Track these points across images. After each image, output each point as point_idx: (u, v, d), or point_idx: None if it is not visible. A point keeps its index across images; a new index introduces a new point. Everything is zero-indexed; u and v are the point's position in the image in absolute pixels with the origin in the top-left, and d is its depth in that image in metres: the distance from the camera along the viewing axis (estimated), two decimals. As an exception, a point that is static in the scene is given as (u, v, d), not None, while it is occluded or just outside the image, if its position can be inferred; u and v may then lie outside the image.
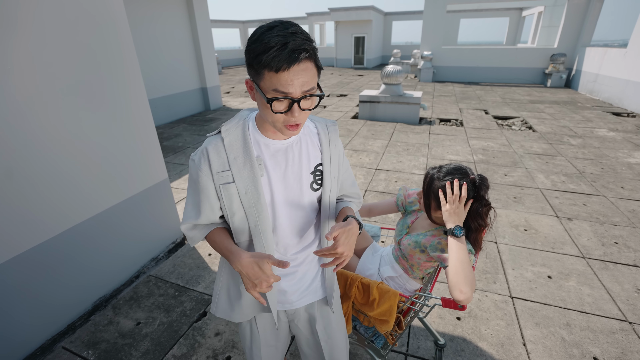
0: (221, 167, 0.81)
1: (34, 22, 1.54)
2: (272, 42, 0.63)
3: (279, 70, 0.64)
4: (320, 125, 0.91)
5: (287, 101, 0.69)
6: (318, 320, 1.05)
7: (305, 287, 1.01)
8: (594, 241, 2.65)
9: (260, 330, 1.04)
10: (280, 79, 0.66)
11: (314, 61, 0.70)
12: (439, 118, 6.88)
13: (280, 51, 0.63)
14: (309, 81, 0.68)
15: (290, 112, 0.70)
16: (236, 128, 0.82)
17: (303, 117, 0.73)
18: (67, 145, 1.77)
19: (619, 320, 1.90)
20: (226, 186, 0.81)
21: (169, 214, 2.57)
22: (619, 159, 4.45)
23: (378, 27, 20.72)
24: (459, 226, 1.09)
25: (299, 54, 0.64)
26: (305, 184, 0.88)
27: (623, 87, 7.77)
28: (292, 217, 0.90)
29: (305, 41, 0.66)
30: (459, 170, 1.17)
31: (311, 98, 0.72)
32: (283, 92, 0.67)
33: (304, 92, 0.69)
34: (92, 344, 1.80)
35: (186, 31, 7.13)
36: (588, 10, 10.41)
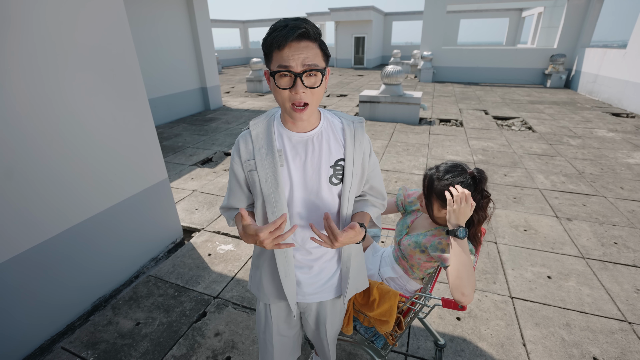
0: (248, 157, 0.90)
1: (34, 22, 1.54)
2: (276, 26, 0.74)
3: (281, 47, 0.73)
4: (346, 121, 0.93)
5: (290, 77, 0.75)
6: (328, 318, 1.09)
7: (320, 284, 1.03)
8: (594, 241, 2.65)
9: (273, 317, 1.07)
10: (282, 54, 0.74)
11: (317, 43, 0.76)
12: (439, 118, 6.88)
13: (281, 31, 0.73)
14: (310, 57, 0.74)
15: (294, 87, 0.75)
16: (263, 122, 0.91)
17: (309, 97, 0.77)
18: (66, 145, 1.76)
19: (619, 321, 1.90)
20: (251, 173, 0.90)
21: (169, 214, 2.57)
22: (618, 159, 4.45)
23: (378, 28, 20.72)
24: (462, 227, 1.07)
25: (296, 30, 0.72)
26: (324, 177, 0.90)
27: (622, 87, 7.78)
28: (309, 209, 0.92)
29: (305, 23, 0.73)
30: (456, 167, 1.17)
31: (315, 75, 0.76)
32: (284, 66, 0.74)
33: (305, 67, 0.74)
34: (92, 344, 1.80)
35: (186, 31, 7.13)
36: (588, 11, 10.43)
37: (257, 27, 25.30)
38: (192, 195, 3.58)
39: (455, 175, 1.15)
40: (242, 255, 2.55)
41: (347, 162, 0.90)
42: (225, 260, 2.49)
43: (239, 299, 2.10)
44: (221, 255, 2.55)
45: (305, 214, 0.93)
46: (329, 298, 1.06)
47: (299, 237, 0.96)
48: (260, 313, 1.12)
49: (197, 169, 4.33)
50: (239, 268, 2.40)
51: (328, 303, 1.08)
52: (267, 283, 1.02)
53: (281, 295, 1.02)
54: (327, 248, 0.97)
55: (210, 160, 4.72)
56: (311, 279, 1.01)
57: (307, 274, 1.01)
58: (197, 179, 4.00)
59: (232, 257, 2.53)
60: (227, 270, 2.38)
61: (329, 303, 1.08)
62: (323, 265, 1.01)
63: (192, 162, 4.59)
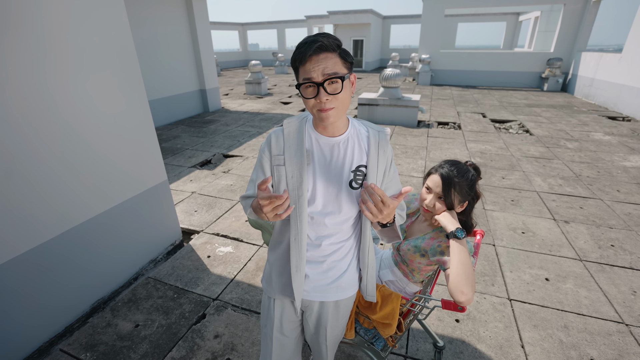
0: (278, 152, 0.95)
1: (35, 23, 1.55)
2: (299, 44, 0.83)
3: (303, 61, 0.82)
4: (372, 131, 0.99)
5: (313, 87, 0.83)
6: (329, 322, 1.10)
7: (327, 283, 1.04)
8: (591, 244, 2.67)
9: (276, 313, 1.09)
10: (305, 68, 0.83)
11: (336, 53, 0.83)
12: (437, 121, 6.92)
13: (302, 47, 0.82)
14: (329, 67, 0.81)
15: (318, 95, 0.83)
16: (296, 122, 0.97)
17: (334, 102, 0.84)
18: (66, 146, 1.76)
19: (616, 323, 1.91)
20: (278, 167, 0.95)
21: (168, 215, 2.57)
22: (614, 162, 4.49)
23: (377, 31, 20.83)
24: (460, 228, 1.12)
25: (314, 44, 0.80)
26: (345, 180, 0.95)
27: (618, 91, 7.85)
28: (328, 209, 0.96)
29: (323, 37, 0.81)
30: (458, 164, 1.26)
31: (336, 82, 0.83)
32: (307, 78, 0.82)
33: (325, 76, 0.81)
34: (90, 346, 1.79)
35: (186, 33, 7.14)
36: (584, 16, 10.53)
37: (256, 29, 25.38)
38: (191, 197, 3.58)
39: (465, 172, 1.22)
40: (242, 257, 2.55)
41: (369, 168, 0.95)
42: (225, 262, 2.49)
43: (238, 301, 2.10)
44: (220, 257, 2.55)
45: (324, 214, 0.96)
46: (332, 299, 1.06)
47: (313, 234, 0.99)
48: (264, 305, 1.15)
49: (196, 171, 4.33)
50: (238, 270, 2.40)
51: (330, 305, 1.08)
52: (275, 277, 1.06)
53: (286, 292, 1.04)
54: (339, 245, 1.02)
55: (209, 162, 4.72)
56: (319, 275, 1.03)
57: (316, 269, 1.03)
58: (196, 181, 4.00)
59: (232, 259, 2.53)
60: (226, 272, 2.38)
61: (332, 306, 1.08)
62: (333, 264, 1.03)
63: (191, 164, 4.59)
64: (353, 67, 0.92)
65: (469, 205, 1.28)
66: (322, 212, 0.97)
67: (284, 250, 1.02)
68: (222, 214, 3.20)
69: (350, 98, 0.90)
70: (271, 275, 1.08)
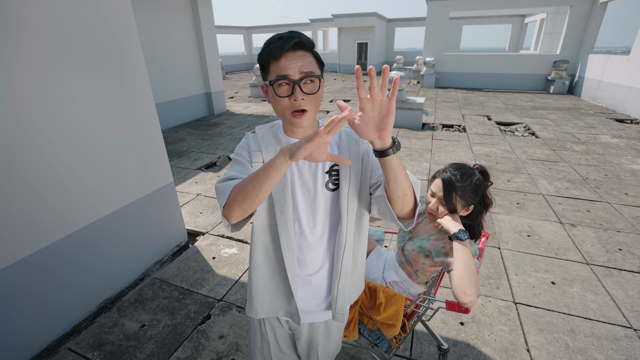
0: (255, 149, 0.91)
1: (41, 25, 1.57)
2: (271, 39, 0.78)
3: (278, 57, 0.76)
4: (343, 128, 0.95)
5: (288, 85, 0.77)
6: (320, 343, 1.05)
7: (316, 304, 0.98)
8: (598, 247, 2.64)
9: (269, 336, 1.05)
10: (279, 65, 0.77)
11: (311, 53, 0.80)
12: (442, 124, 6.90)
13: (276, 42, 0.76)
14: (306, 65, 0.77)
15: (294, 94, 0.77)
16: (267, 128, 0.95)
17: (308, 103, 0.79)
18: (72, 149, 1.79)
19: (624, 327, 1.89)
20: (257, 164, 0.89)
21: (174, 217, 2.60)
22: (622, 165, 4.44)
23: (381, 34, 20.86)
24: (462, 230, 1.12)
25: (291, 40, 0.75)
26: (320, 183, 0.90)
27: (626, 93, 7.77)
28: (309, 216, 0.92)
29: (299, 34, 0.77)
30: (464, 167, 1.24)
31: (312, 82, 0.79)
32: (282, 75, 0.76)
33: (302, 74, 0.77)
34: (97, 345, 1.82)
35: (191, 37, 7.23)
36: (590, 17, 10.45)
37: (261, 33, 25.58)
38: (196, 199, 3.61)
39: (469, 176, 1.21)
40: (246, 258, 2.57)
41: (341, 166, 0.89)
42: (230, 263, 2.51)
43: (243, 302, 2.11)
44: (225, 259, 2.56)
45: (305, 220, 0.91)
46: (322, 320, 1.01)
47: (297, 246, 0.93)
48: (255, 329, 1.08)
49: (202, 173, 4.37)
50: (243, 271, 2.42)
51: (320, 326, 1.03)
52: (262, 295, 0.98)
53: (275, 306, 0.98)
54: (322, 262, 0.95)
55: (214, 164, 4.75)
56: (307, 295, 0.97)
57: (303, 288, 0.97)
58: (202, 183, 4.04)
59: (236, 260, 2.55)
60: (231, 273, 2.40)
61: (322, 326, 1.03)
62: (319, 283, 0.97)
63: (196, 166, 4.63)
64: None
65: (475, 210, 1.27)
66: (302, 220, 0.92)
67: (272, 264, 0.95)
68: (227, 215, 3.22)
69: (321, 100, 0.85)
70: (258, 295, 0.98)
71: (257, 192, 0.72)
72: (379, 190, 0.83)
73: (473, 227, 1.31)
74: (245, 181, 0.74)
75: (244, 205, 0.74)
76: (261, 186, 0.71)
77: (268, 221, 0.92)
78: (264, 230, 0.93)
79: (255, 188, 0.71)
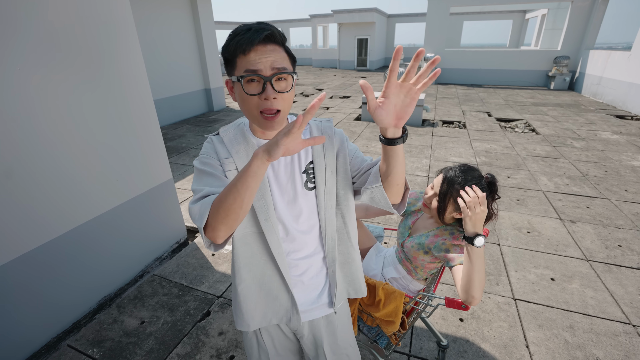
0: (225, 155, 0.83)
1: (39, 21, 1.56)
2: (238, 30, 0.70)
3: (247, 51, 0.68)
4: (313, 122, 0.90)
5: (258, 82, 0.70)
6: (325, 340, 1.00)
7: (312, 300, 0.96)
8: (598, 244, 2.64)
9: (267, 344, 1.00)
10: (249, 59, 0.69)
11: (283, 47, 0.73)
12: (442, 120, 6.88)
13: (245, 34, 0.68)
14: (278, 60, 0.70)
15: (264, 92, 0.70)
16: (234, 128, 0.86)
17: (280, 103, 0.72)
18: (71, 145, 1.79)
19: (623, 323, 1.89)
20: (230, 173, 0.81)
21: (173, 214, 2.59)
22: (622, 161, 4.43)
23: (381, 29, 20.76)
24: (481, 235, 1.00)
25: (262, 32, 0.68)
26: (298, 184, 0.86)
27: (627, 89, 7.74)
28: (290, 218, 0.88)
29: (270, 26, 0.70)
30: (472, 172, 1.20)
31: (285, 79, 0.72)
32: (252, 70, 0.69)
33: (274, 70, 0.70)
34: (97, 342, 1.82)
35: (190, 33, 7.18)
36: (592, 13, 10.39)
37: (261, 28, 25.39)
38: (195, 195, 3.60)
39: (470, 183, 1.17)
40: (246, 255, 2.57)
41: (316, 162, 0.85)
42: (229, 260, 2.51)
43: (242, 299, 2.11)
44: (225, 256, 2.56)
45: (289, 223, 0.87)
46: (321, 315, 0.98)
47: (285, 249, 0.89)
48: (250, 340, 1.02)
49: (201, 170, 4.36)
50: (243, 268, 2.41)
51: (321, 322, 0.99)
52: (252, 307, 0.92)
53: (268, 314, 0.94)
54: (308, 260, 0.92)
55: (213, 161, 4.74)
56: (303, 294, 0.95)
57: (299, 289, 0.94)
58: (201, 180, 4.02)
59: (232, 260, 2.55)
60: (230, 270, 2.39)
61: (323, 322, 1.00)
62: (310, 281, 0.95)
63: (195, 162, 4.62)
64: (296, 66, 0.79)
65: None
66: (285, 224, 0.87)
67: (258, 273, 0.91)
68: (226, 212, 3.21)
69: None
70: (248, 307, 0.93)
71: (240, 204, 0.65)
72: (372, 179, 0.79)
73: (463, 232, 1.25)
74: (222, 195, 0.66)
75: (228, 222, 0.67)
76: (243, 197, 0.64)
77: (251, 229, 0.87)
78: (248, 240, 0.87)
79: (237, 200, 0.64)
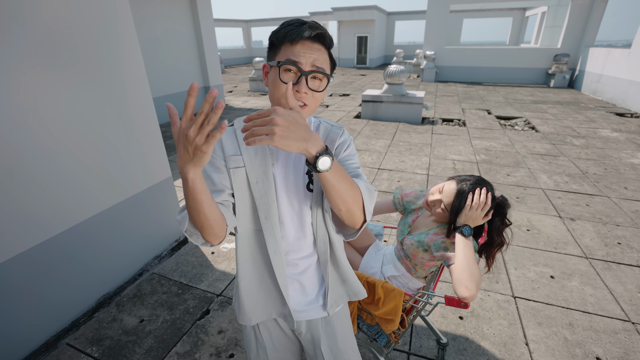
0: (233, 152, 0.81)
1: (38, 19, 1.55)
2: (292, 22, 0.74)
3: (294, 42, 0.71)
4: (324, 125, 0.89)
5: (295, 73, 0.73)
6: (323, 341, 0.99)
7: (308, 301, 0.96)
8: (597, 241, 2.64)
9: (265, 340, 1.01)
10: (294, 49, 0.72)
11: (327, 50, 0.76)
12: (442, 118, 6.87)
13: (298, 27, 0.72)
14: (320, 60, 0.73)
15: (298, 85, 0.72)
16: None
17: (310, 99, 0.74)
18: (71, 143, 1.78)
19: (622, 321, 1.89)
20: (236, 171, 0.81)
21: (172, 212, 2.59)
22: (622, 159, 4.43)
23: (381, 27, 20.70)
24: (467, 226, 1.11)
25: (314, 30, 0.71)
26: (302, 185, 0.86)
27: (627, 87, 7.73)
28: (293, 218, 0.88)
29: (322, 27, 0.73)
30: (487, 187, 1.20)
31: (320, 80, 0.75)
32: (294, 61, 0.71)
33: (313, 67, 0.72)
34: (96, 340, 1.82)
35: (189, 30, 7.15)
36: (592, 11, 10.37)
37: (260, 26, 25.34)
38: (195, 193, 3.59)
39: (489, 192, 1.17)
40: (245, 253, 2.56)
41: None
42: (229, 258, 2.51)
43: (242, 297, 2.11)
44: (224, 254, 2.56)
45: (290, 222, 0.87)
46: (319, 316, 0.97)
47: (284, 249, 0.89)
48: (249, 335, 1.03)
49: (200, 168, 4.35)
50: (242, 266, 2.41)
51: (319, 322, 0.98)
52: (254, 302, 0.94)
53: (269, 309, 0.95)
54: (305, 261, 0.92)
55: (213, 159, 4.73)
56: (301, 294, 0.95)
57: (297, 288, 0.94)
58: (200, 178, 4.02)
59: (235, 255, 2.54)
60: (230, 268, 2.40)
61: (321, 323, 0.99)
62: (308, 280, 0.95)
63: (195, 161, 4.61)
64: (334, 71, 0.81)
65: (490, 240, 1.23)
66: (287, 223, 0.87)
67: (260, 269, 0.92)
68: (225, 210, 3.21)
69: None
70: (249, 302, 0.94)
71: (205, 217, 0.67)
72: None
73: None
74: (188, 210, 0.68)
75: (207, 230, 0.69)
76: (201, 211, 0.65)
77: (253, 227, 0.87)
78: (249, 236, 0.88)
79: (200, 215, 0.66)
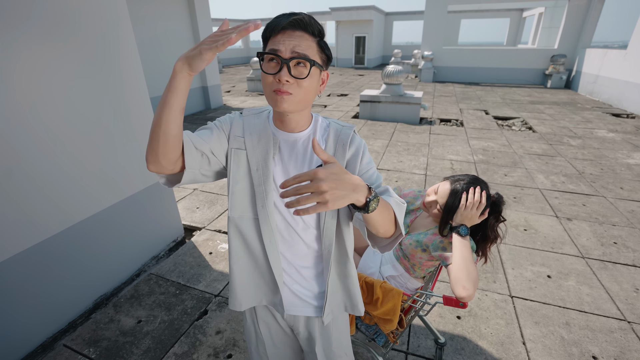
0: (239, 133, 0.84)
1: (35, 19, 1.54)
2: (277, 16, 0.74)
3: (275, 32, 0.72)
4: (334, 125, 0.88)
5: (277, 62, 0.72)
6: (317, 342, 0.99)
7: (305, 294, 0.95)
8: (593, 241, 2.66)
9: (263, 332, 1.01)
10: (275, 40, 0.72)
11: (314, 38, 0.74)
12: (440, 118, 6.89)
13: (279, 18, 0.72)
14: (301, 47, 0.71)
15: (279, 73, 0.71)
16: (256, 112, 0.89)
17: (294, 88, 0.73)
18: (68, 143, 1.77)
19: (618, 320, 1.91)
20: (237, 152, 0.82)
21: (170, 212, 2.58)
22: (618, 159, 4.46)
23: (379, 27, 20.72)
24: (464, 226, 1.11)
25: (291, 16, 0.71)
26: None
27: (623, 88, 7.78)
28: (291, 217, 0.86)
29: (302, 14, 0.72)
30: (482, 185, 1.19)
31: (304, 66, 0.72)
32: (273, 50, 0.71)
33: (293, 54, 0.71)
34: (93, 341, 1.81)
35: (187, 30, 7.12)
36: (588, 12, 10.43)
37: (258, 26, 25.27)
38: (192, 194, 3.59)
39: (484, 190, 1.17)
40: (243, 253, 2.56)
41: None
42: (226, 258, 2.50)
43: (240, 297, 2.11)
44: (222, 254, 2.56)
45: (288, 214, 0.86)
46: (305, 314, 0.96)
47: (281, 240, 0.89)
48: (249, 329, 1.05)
49: (198, 168, 4.34)
50: (240, 266, 2.41)
51: (316, 322, 0.97)
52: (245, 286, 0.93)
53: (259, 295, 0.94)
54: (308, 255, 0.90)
55: (211, 159, 4.72)
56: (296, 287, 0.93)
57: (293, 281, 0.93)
58: (198, 178, 4.01)
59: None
60: (227, 268, 2.39)
61: (317, 322, 0.97)
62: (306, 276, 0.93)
63: (192, 161, 4.59)
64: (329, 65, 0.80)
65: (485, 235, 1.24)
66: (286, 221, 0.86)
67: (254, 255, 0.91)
68: (223, 210, 3.20)
69: (315, 95, 0.78)
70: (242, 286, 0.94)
71: (159, 122, 0.66)
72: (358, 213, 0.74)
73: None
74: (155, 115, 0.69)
75: (151, 143, 0.70)
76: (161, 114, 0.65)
77: (249, 214, 0.86)
78: (245, 223, 0.87)
79: (157, 119, 0.66)
